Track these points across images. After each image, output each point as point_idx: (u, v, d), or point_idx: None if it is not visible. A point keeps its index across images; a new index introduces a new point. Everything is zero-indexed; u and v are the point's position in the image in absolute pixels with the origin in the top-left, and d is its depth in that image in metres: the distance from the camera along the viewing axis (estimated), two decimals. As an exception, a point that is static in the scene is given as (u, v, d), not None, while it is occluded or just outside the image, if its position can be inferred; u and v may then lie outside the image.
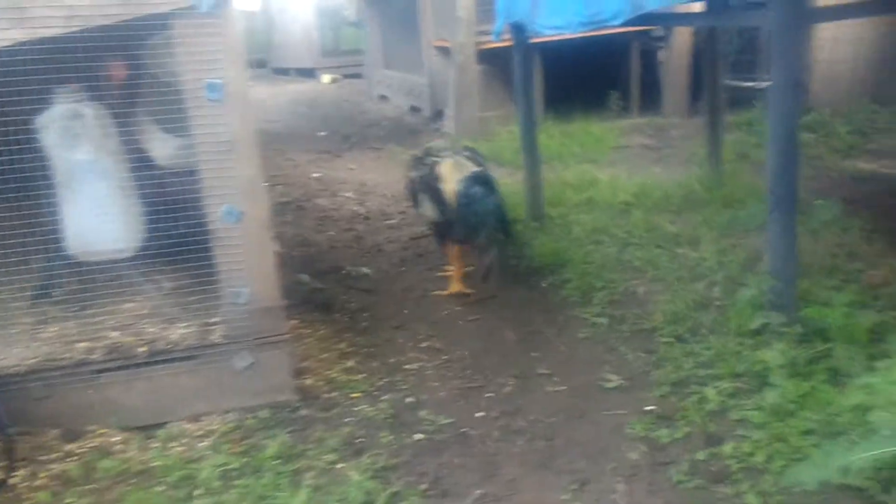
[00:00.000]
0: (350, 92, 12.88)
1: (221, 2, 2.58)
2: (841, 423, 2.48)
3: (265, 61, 17.84)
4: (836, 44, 7.11)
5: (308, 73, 15.23)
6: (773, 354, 2.88)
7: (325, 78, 14.61)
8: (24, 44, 2.46)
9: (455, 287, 4.20)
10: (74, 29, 2.49)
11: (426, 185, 4.07)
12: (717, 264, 4.01)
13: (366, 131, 9.29)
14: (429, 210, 4.08)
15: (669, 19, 5.23)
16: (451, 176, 3.99)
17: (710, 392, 2.92)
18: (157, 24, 2.60)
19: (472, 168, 4.10)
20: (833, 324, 2.98)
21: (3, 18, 2.41)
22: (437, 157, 4.19)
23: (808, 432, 2.56)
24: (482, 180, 4.01)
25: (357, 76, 13.58)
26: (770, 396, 2.75)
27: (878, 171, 5.77)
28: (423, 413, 3.01)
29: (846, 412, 2.42)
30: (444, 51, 8.79)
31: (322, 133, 9.31)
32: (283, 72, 16.50)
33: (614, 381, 3.17)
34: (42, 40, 2.48)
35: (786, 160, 3.02)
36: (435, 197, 4.00)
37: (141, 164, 2.96)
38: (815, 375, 2.81)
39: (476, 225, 3.87)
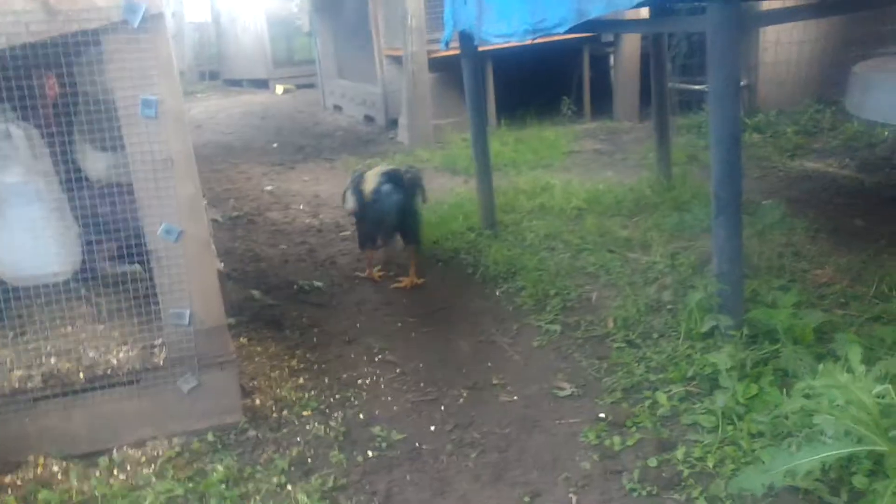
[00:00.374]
0: (303, 102, 12.78)
1: (153, 17, 2.51)
2: (788, 426, 2.49)
3: (217, 73, 17.66)
4: (780, 46, 7.25)
5: (261, 84, 15.10)
6: (722, 357, 2.90)
7: (279, 89, 14.50)
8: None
9: (372, 273, 4.63)
10: (-1, 47, 2.40)
11: (354, 188, 4.45)
12: (668, 268, 4.04)
13: (319, 142, 9.21)
14: (350, 204, 4.50)
15: (613, 26, 5.28)
16: (372, 178, 4.36)
17: (661, 397, 2.92)
18: (87, 40, 2.52)
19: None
20: (780, 325, 3.01)
21: (-78, 38, 2.32)
22: (370, 168, 4.59)
23: (757, 435, 2.57)
24: (393, 179, 4.31)
25: (311, 86, 13.49)
26: (720, 400, 2.76)
27: (823, 170, 5.87)
28: (375, 429, 2.96)
29: (793, 415, 2.44)
30: (397, 60, 8.77)
31: (275, 144, 9.21)
32: (235, 83, 16.33)
33: (567, 389, 3.16)
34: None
35: (729, 164, 3.04)
36: (358, 197, 4.39)
37: (76, 183, 2.87)
38: (764, 377, 2.83)
39: (382, 218, 4.29)
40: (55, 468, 2.70)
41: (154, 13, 2.51)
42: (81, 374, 2.72)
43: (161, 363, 2.80)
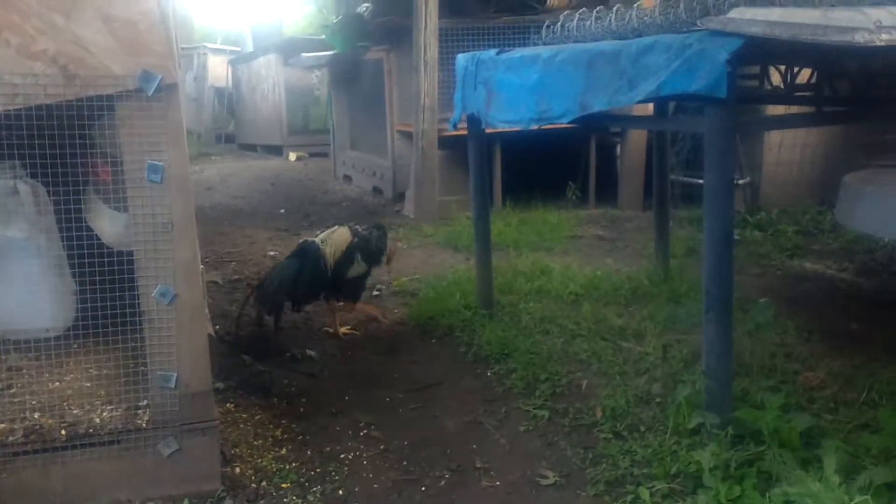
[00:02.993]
0: (315, 170, 12.99)
1: (167, 87, 2.61)
2: (769, 531, 2.46)
3: (233, 136, 18.02)
4: (784, 147, 7.40)
5: (275, 150, 15.39)
6: (706, 456, 2.87)
7: (292, 156, 14.76)
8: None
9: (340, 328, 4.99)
10: (16, 107, 2.49)
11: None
12: (660, 359, 4.04)
13: (326, 210, 9.33)
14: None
15: (614, 120, 5.42)
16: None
17: (644, 493, 2.88)
18: (101, 105, 2.61)
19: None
20: (766, 426, 2.99)
21: (-57, 94, 2.41)
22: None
23: (737, 538, 2.54)
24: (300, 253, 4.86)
25: (323, 155, 13.73)
26: (702, 500, 2.73)
27: (821, 271, 5.91)
28: (352, 507, 2.93)
29: (772, 520, 2.41)
30: (408, 135, 8.95)
31: (282, 210, 9.33)
32: (250, 147, 16.65)
33: (550, 477, 3.12)
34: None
35: (720, 262, 3.08)
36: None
37: (80, 241, 2.92)
38: (747, 479, 2.79)
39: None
40: (28, 526, 2.67)
41: (169, 83, 2.61)
42: (63, 432, 2.72)
43: (144, 425, 2.80)
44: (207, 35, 21.71)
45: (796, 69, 4.16)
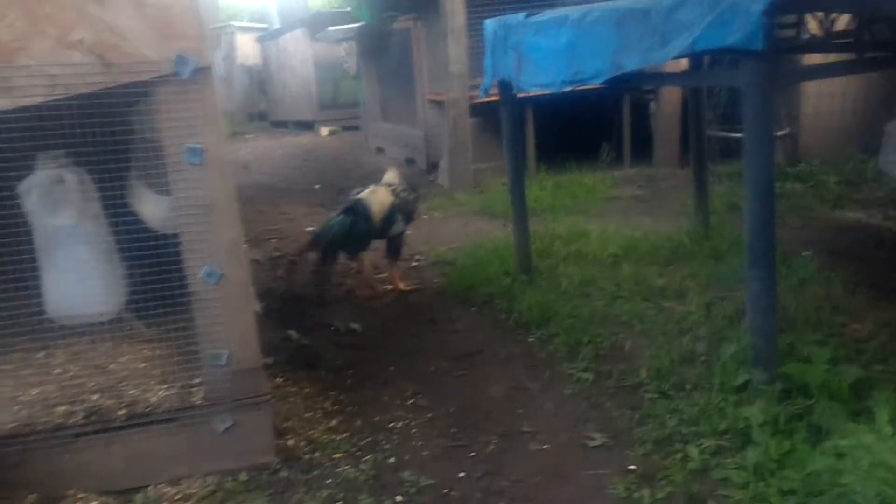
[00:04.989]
0: (347, 144, 13.02)
1: (201, 69, 2.63)
2: (820, 484, 2.46)
3: (265, 114, 18.11)
4: (822, 97, 7.22)
5: (307, 126, 15.45)
6: (755, 412, 2.87)
7: (324, 130, 14.81)
8: (6, 112, 2.51)
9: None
10: (57, 97, 2.54)
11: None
12: (703, 318, 4.02)
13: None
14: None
15: (648, 79, 5.32)
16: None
17: (692, 450, 2.90)
18: (139, 91, 2.65)
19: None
20: (814, 380, 2.97)
21: (-13, 88, 2.47)
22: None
23: (789, 493, 2.53)
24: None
25: (355, 128, 13.75)
26: (752, 455, 2.73)
27: (864, 220, 5.80)
28: (404, 474, 2.99)
29: (823, 473, 2.41)
30: (439, 104, 8.92)
31: (317, 186, 9.39)
32: (282, 125, 16.74)
33: (598, 439, 3.15)
34: (25, 108, 2.54)
35: (762, 217, 3.05)
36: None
37: (126, 226, 2.99)
38: (797, 433, 2.78)
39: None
40: (93, 503, 2.77)
41: (203, 65, 2.64)
42: (122, 412, 2.80)
43: (198, 403, 2.87)
44: (234, 14, 21.76)
45: (834, 15, 4.05)
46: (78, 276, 2.84)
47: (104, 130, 2.63)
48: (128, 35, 2.54)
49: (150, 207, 3.08)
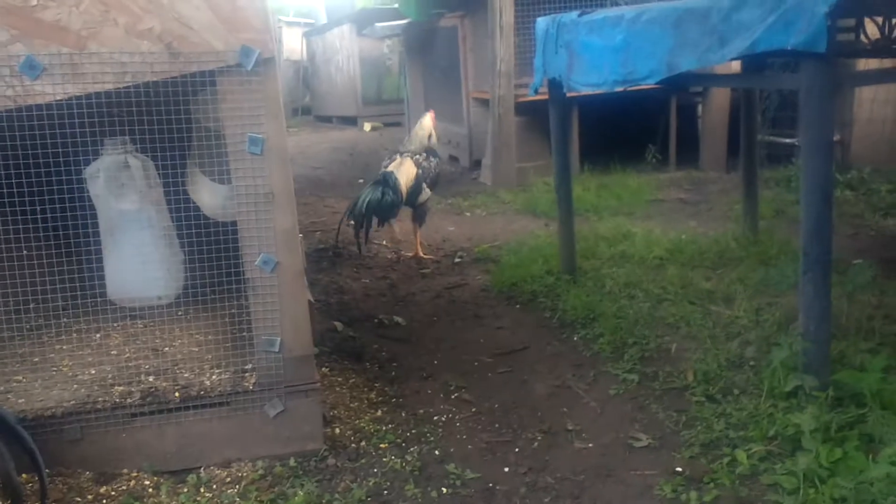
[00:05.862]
0: (390, 140, 13.06)
1: (265, 61, 2.68)
2: (874, 493, 2.42)
3: (309, 109, 18.27)
4: (876, 103, 7.09)
5: (350, 121, 15.56)
6: (806, 418, 2.83)
7: (367, 126, 14.90)
8: (77, 98, 2.58)
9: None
10: (125, 85, 2.60)
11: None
12: (751, 323, 3.98)
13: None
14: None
15: (704, 80, 5.29)
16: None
17: (741, 455, 2.87)
18: (203, 80, 2.71)
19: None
20: (868, 388, 2.93)
21: (58, 74, 2.54)
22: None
23: (840, 500, 2.50)
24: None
25: (398, 125, 13.81)
26: (802, 461, 2.70)
27: (919, 230, 5.69)
28: (449, 466, 3.01)
29: (879, 481, 2.38)
30: (484, 102, 8.93)
31: (361, 180, 9.44)
32: (326, 119, 16.88)
33: (643, 440, 3.14)
34: (94, 95, 2.61)
35: (819, 222, 3.01)
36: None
37: (186, 213, 3.05)
38: (849, 441, 2.75)
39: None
40: (147, 482, 2.84)
41: (267, 57, 2.69)
42: (177, 394, 2.86)
43: (250, 387, 2.92)
44: (279, 9, 21.95)
45: (895, 20, 3.97)
46: (139, 259, 2.91)
47: (167, 118, 2.68)
48: (195, 25, 2.59)
49: (208, 195, 3.14)
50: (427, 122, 6.31)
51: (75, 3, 2.52)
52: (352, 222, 5.78)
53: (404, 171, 5.87)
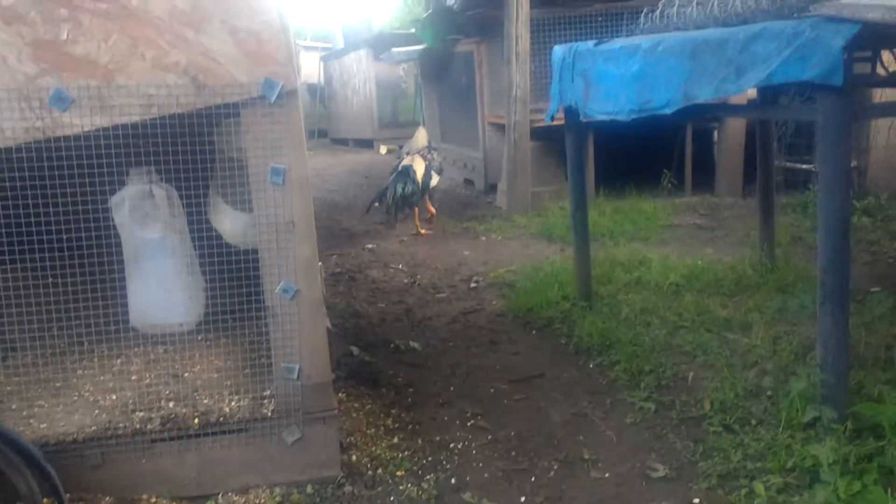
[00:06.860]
0: (406, 163, 13.16)
1: (288, 93, 2.73)
2: (894, 528, 2.41)
3: (326, 131, 18.42)
4: (893, 130, 7.09)
5: (366, 144, 15.68)
6: (824, 450, 2.82)
7: (383, 149, 15.01)
8: (104, 129, 2.64)
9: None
10: (151, 116, 2.66)
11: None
12: (769, 352, 3.97)
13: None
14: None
15: (721, 110, 5.31)
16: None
17: (758, 486, 2.86)
18: (227, 112, 2.76)
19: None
20: (886, 421, 2.92)
21: (86, 106, 2.60)
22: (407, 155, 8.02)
23: (859, 535, 2.50)
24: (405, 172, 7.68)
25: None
26: (820, 494, 2.69)
27: (937, 258, 5.66)
28: (466, 495, 3.01)
29: (898, 516, 2.36)
30: (499, 127, 8.98)
31: (377, 203, 9.50)
32: (342, 142, 17.02)
33: (660, 470, 3.13)
34: (121, 126, 2.66)
35: (837, 253, 3.01)
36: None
37: (208, 241, 3.09)
38: (868, 474, 2.74)
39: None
40: (165, 508, 2.86)
41: (290, 89, 2.74)
42: (196, 420, 2.89)
43: (269, 414, 2.95)
44: (298, 33, 22.21)
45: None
46: (162, 287, 2.96)
47: (191, 148, 2.73)
48: (220, 59, 2.65)
49: (229, 223, 3.18)
50: (421, 132, 8.34)
51: (104, 38, 2.59)
52: (376, 204, 7.71)
53: (418, 165, 7.70)
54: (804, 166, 7.63)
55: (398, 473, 3.17)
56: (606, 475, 3.15)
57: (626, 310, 4.83)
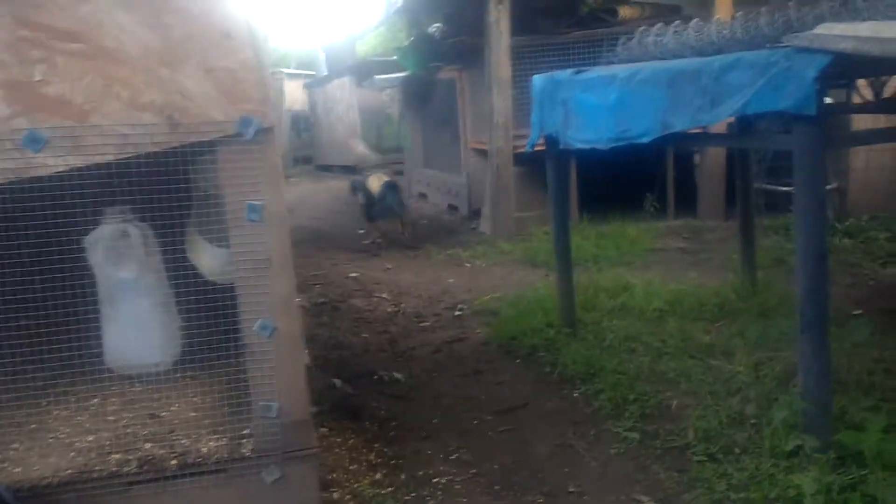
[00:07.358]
0: (390, 189, 13.17)
1: (264, 130, 2.72)
2: (878, 560, 2.40)
3: (310, 158, 18.44)
4: (872, 151, 7.16)
5: (351, 171, 15.66)
6: (807, 480, 2.82)
7: (375, 183, 15.00)
8: (79, 169, 2.62)
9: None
10: (126, 155, 2.64)
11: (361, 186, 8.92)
12: (751, 379, 3.96)
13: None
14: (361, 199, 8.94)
15: (697, 139, 5.35)
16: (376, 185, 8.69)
17: (743, 518, 2.85)
18: (203, 150, 2.75)
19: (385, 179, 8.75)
20: (869, 449, 2.91)
21: (60, 146, 2.58)
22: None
23: (844, 566, 2.48)
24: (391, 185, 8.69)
25: (398, 173, 13.90)
26: (805, 526, 2.68)
27: (917, 280, 5.70)
28: (449, 532, 2.98)
29: (881, 549, 2.35)
30: (482, 152, 9.02)
31: (361, 231, 9.50)
32: (326, 168, 17.02)
33: (646, 501, 3.11)
34: (95, 165, 2.64)
35: (815, 281, 3.03)
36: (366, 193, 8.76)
37: (185, 279, 3.07)
38: (851, 503, 2.73)
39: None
40: (142, 551, 2.80)
41: (266, 126, 2.72)
42: (174, 461, 2.84)
43: (247, 454, 2.90)
44: (282, 58, 22.31)
45: (884, 79, 4.05)
46: (137, 327, 2.92)
47: (167, 187, 2.72)
48: (196, 97, 2.64)
49: (208, 259, 3.16)
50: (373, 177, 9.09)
51: (79, 78, 2.57)
52: (362, 202, 8.86)
53: (397, 182, 9.19)
54: (785, 189, 7.68)
55: (381, 511, 3.14)
56: (591, 508, 3.12)
57: (610, 336, 4.82)
